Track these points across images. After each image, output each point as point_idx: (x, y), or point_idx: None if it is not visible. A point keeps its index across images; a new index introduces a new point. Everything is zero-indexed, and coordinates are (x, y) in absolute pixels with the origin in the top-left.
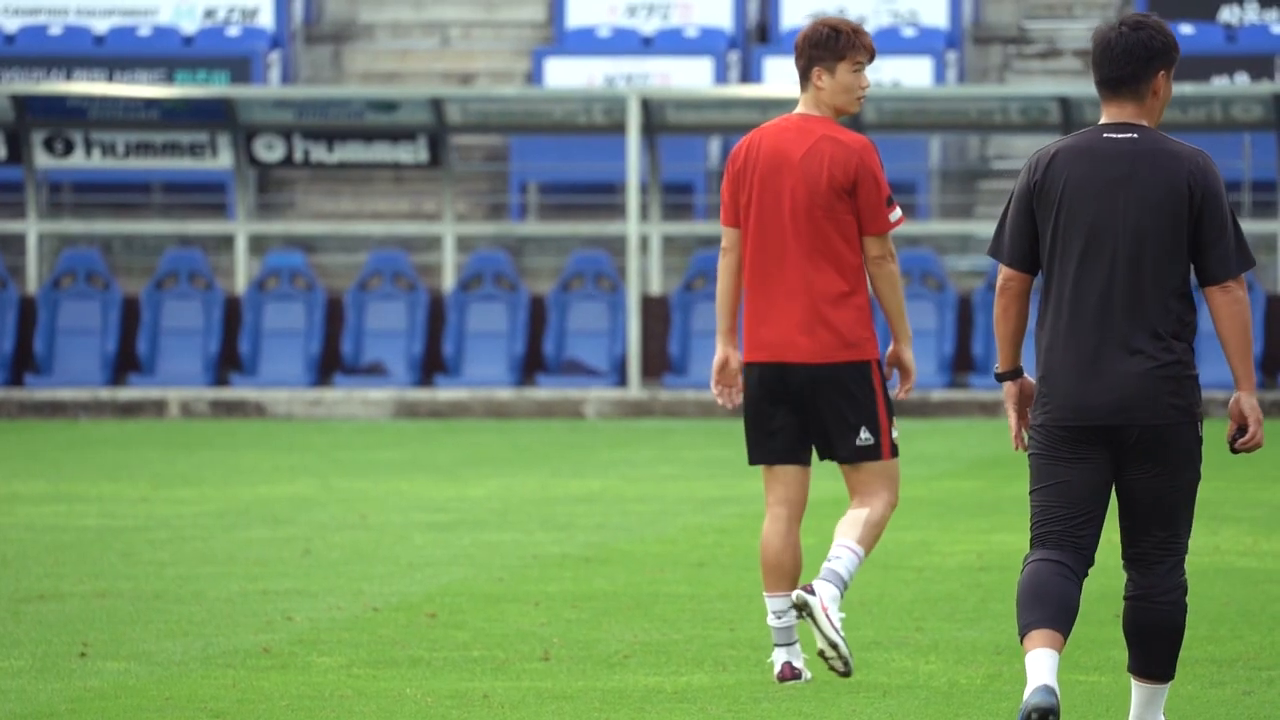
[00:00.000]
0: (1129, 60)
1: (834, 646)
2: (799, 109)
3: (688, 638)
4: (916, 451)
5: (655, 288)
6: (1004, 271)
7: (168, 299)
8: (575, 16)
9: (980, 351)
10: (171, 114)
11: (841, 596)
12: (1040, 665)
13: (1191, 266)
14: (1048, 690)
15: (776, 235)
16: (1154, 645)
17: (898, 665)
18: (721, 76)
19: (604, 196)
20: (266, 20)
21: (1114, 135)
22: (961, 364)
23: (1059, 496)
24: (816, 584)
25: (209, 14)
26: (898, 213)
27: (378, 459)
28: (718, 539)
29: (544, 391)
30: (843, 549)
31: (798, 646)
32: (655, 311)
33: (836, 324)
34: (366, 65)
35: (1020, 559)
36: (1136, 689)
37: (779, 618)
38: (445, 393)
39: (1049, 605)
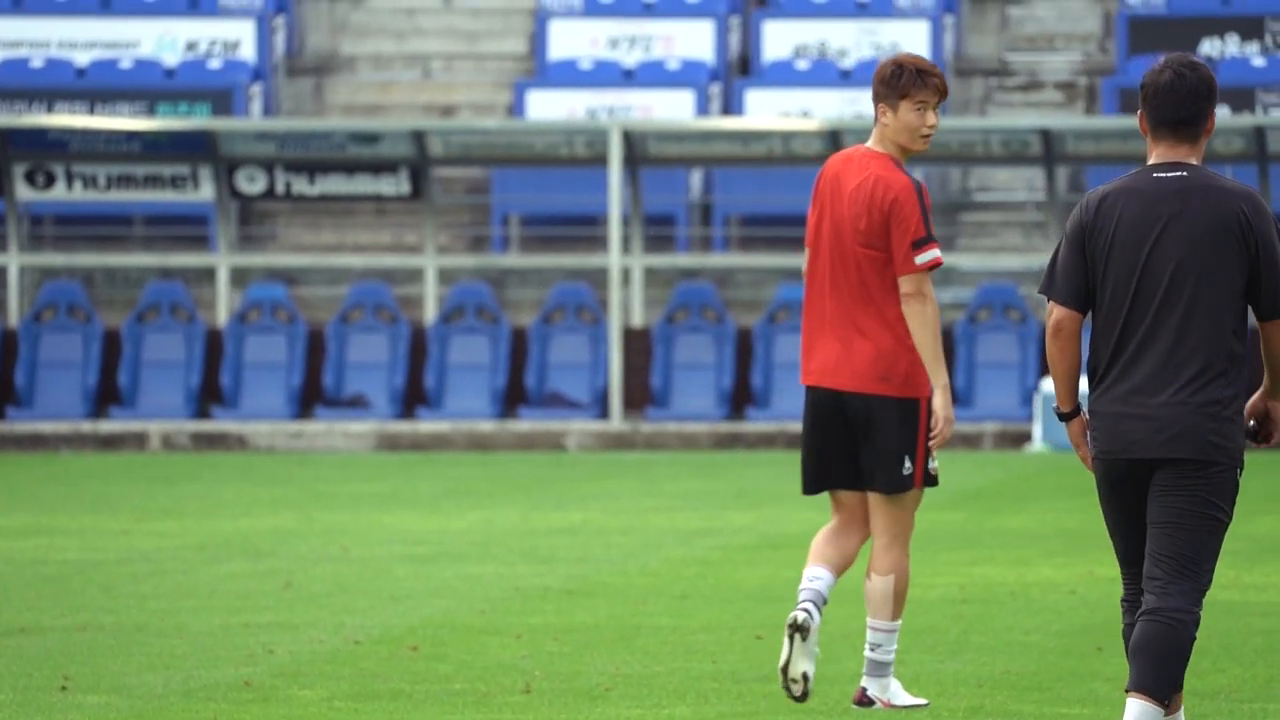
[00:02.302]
0: (1194, 100)
1: (913, 706)
2: (869, 142)
3: (670, 670)
4: None
5: (637, 320)
6: (1057, 311)
7: (149, 332)
8: (557, 49)
9: (960, 385)
10: (153, 146)
11: (890, 674)
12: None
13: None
14: None
15: (826, 264)
16: (1150, 659)
17: None
18: (703, 108)
19: (586, 228)
20: (248, 53)
21: (1163, 175)
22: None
23: (1118, 533)
24: (867, 684)
25: (190, 47)
26: (927, 255)
27: (359, 491)
28: (700, 571)
29: (525, 424)
30: (879, 634)
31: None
32: (637, 344)
33: (882, 355)
34: (348, 97)
35: (1002, 592)
36: (1130, 704)
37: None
38: (427, 425)
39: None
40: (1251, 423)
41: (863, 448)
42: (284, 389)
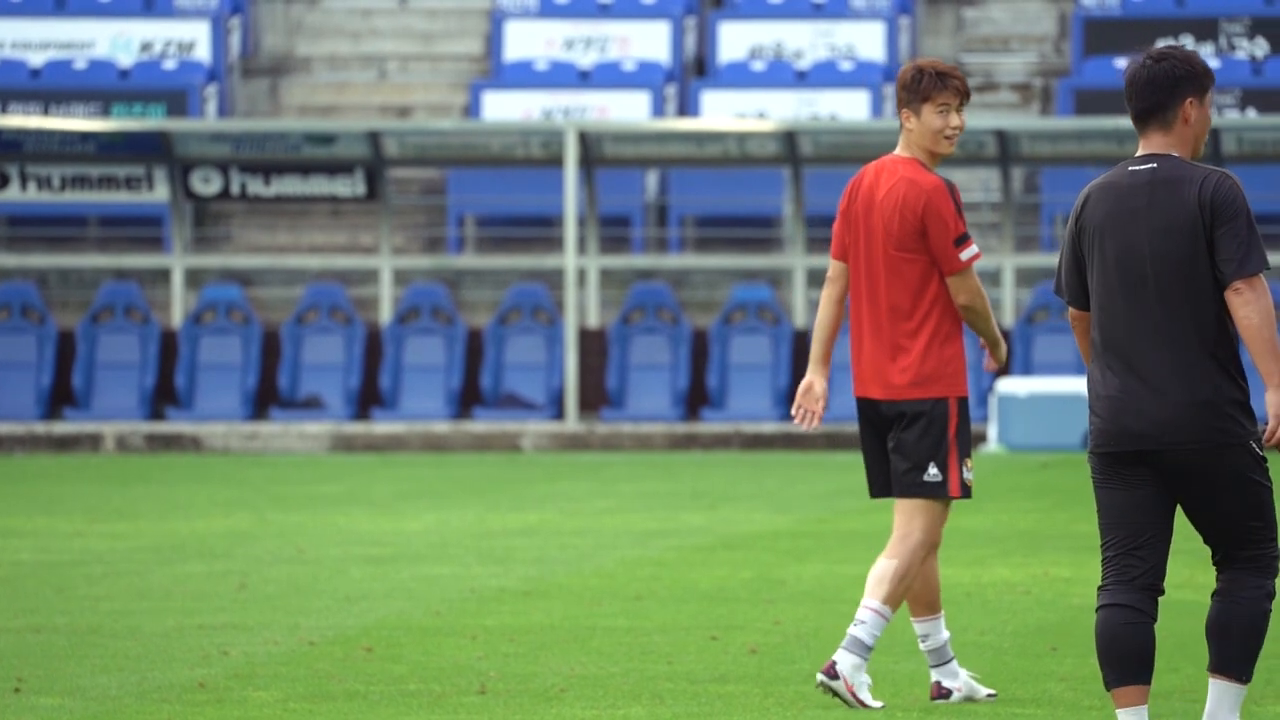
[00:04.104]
0: (1153, 92)
1: (868, 708)
2: (896, 149)
3: (625, 671)
4: (854, 484)
5: (593, 321)
6: (1069, 311)
7: (103, 333)
8: (513, 50)
9: None
10: (108, 147)
11: (866, 661)
12: None
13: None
14: None
15: (864, 273)
16: (1227, 641)
17: (835, 699)
18: (659, 110)
19: (541, 229)
20: (203, 54)
21: (1137, 168)
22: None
23: (1110, 517)
24: (838, 657)
25: (145, 47)
26: (970, 250)
27: (314, 493)
28: (655, 572)
29: (481, 425)
30: (869, 612)
31: (952, 665)
32: (593, 345)
33: (907, 361)
34: (303, 98)
35: (958, 592)
36: (1213, 686)
37: (922, 641)
38: (382, 426)
39: (1126, 660)
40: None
41: (904, 453)
42: (239, 390)
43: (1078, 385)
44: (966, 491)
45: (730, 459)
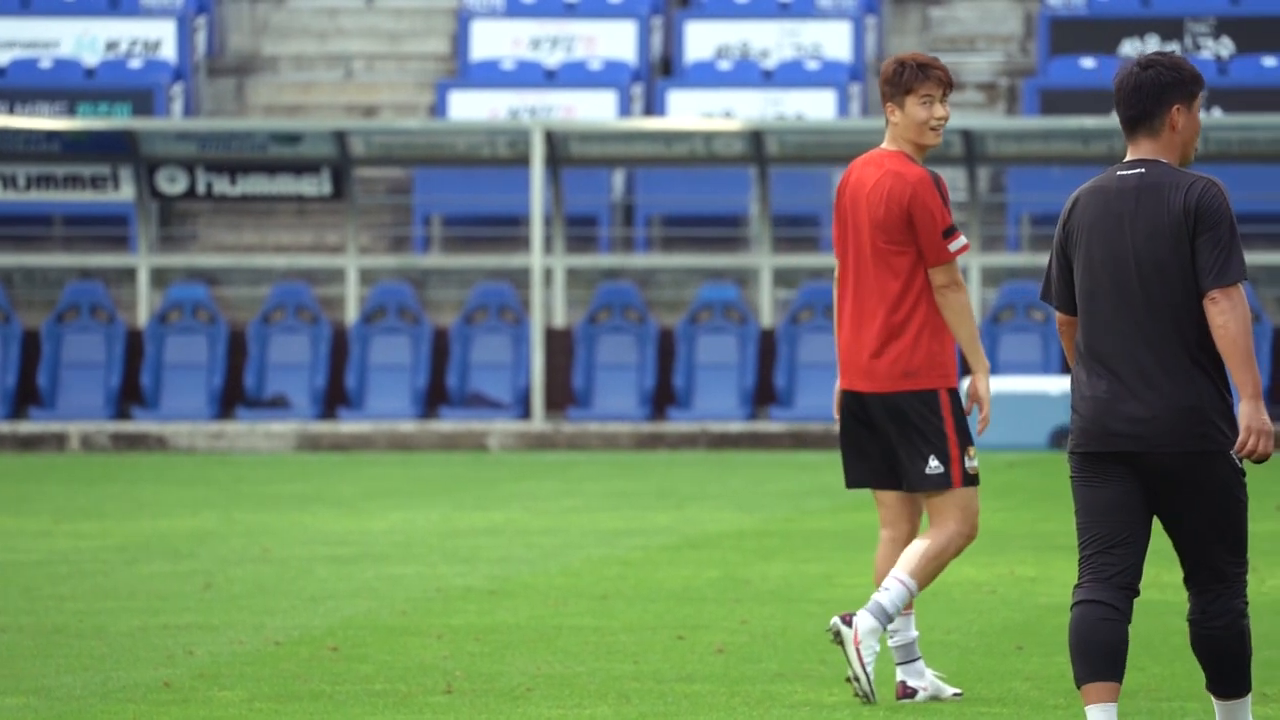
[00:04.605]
0: (1139, 99)
1: (856, 679)
2: (883, 143)
3: (591, 670)
4: (820, 483)
5: (559, 320)
6: (1056, 315)
7: (69, 332)
8: (479, 49)
9: None
10: (73, 146)
11: (883, 629)
12: None
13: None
14: None
15: (852, 266)
16: (1218, 666)
17: (802, 697)
18: (625, 109)
19: (508, 229)
20: (169, 53)
21: (1125, 173)
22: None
23: (1088, 515)
24: (858, 615)
25: (111, 46)
26: (958, 242)
27: (280, 492)
28: (621, 571)
29: (447, 424)
30: (894, 580)
31: (918, 664)
32: (559, 344)
33: (895, 354)
34: (270, 98)
35: (927, 593)
36: (1217, 706)
37: (891, 637)
38: (348, 425)
39: (1097, 656)
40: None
41: (896, 449)
42: (205, 389)
43: (1043, 384)
44: (971, 480)
45: (697, 458)
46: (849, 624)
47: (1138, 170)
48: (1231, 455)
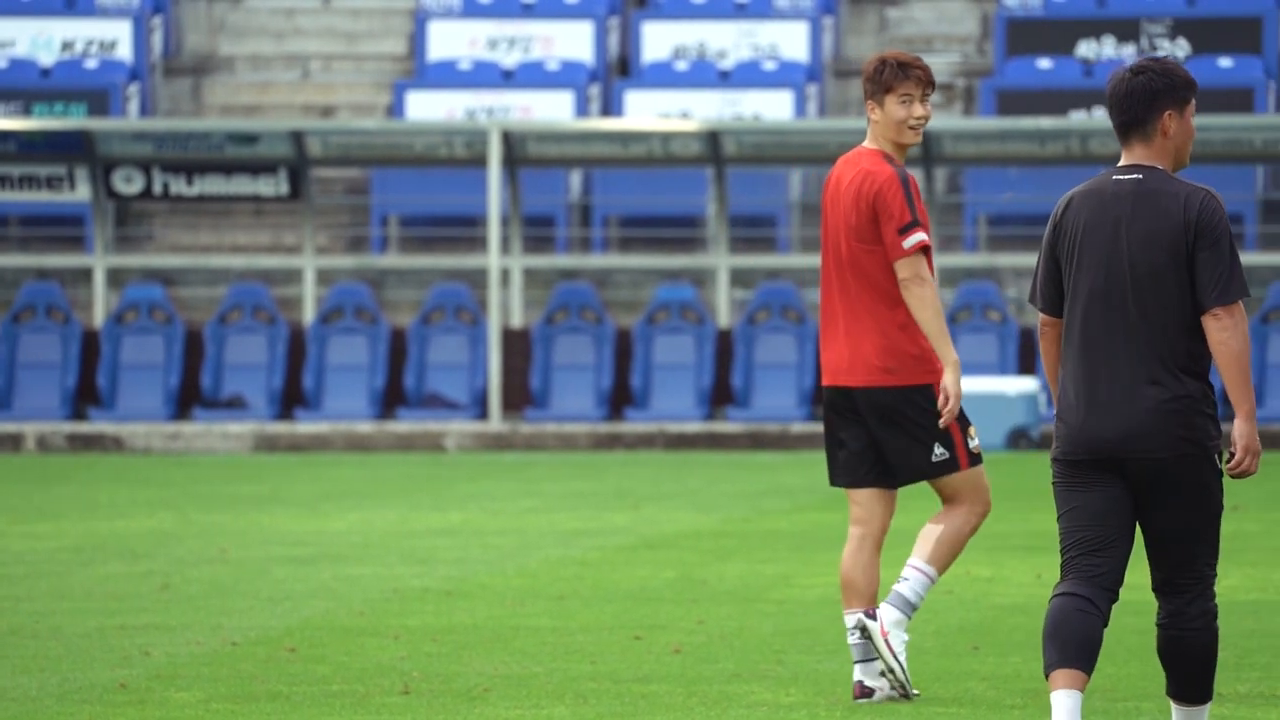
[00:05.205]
0: (1130, 105)
1: (891, 671)
2: (864, 141)
3: (548, 671)
4: (777, 483)
5: (516, 321)
6: (1040, 316)
7: (25, 332)
8: (436, 49)
9: None
10: (29, 146)
11: (908, 619)
12: (1062, 707)
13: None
14: None
15: (833, 264)
16: (1185, 670)
17: (759, 698)
18: (582, 109)
19: (465, 229)
20: (125, 53)
21: (1121, 177)
22: (822, 396)
23: (1074, 520)
24: (882, 607)
25: (66, 46)
26: (913, 239)
27: (237, 493)
28: (578, 572)
29: (404, 425)
30: (912, 570)
31: (876, 664)
32: (516, 345)
33: (882, 349)
34: (226, 98)
35: (883, 593)
36: (1176, 711)
37: (852, 635)
38: (305, 426)
39: (1070, 644)
40: (1229, 451)
41: (886, 445)
42: (161, 390)
43: (1001, 385)
44: (976, 460)
45: (654, 459)
46: (873, 616)
47: (1134, 176)
48: (1215, 459)
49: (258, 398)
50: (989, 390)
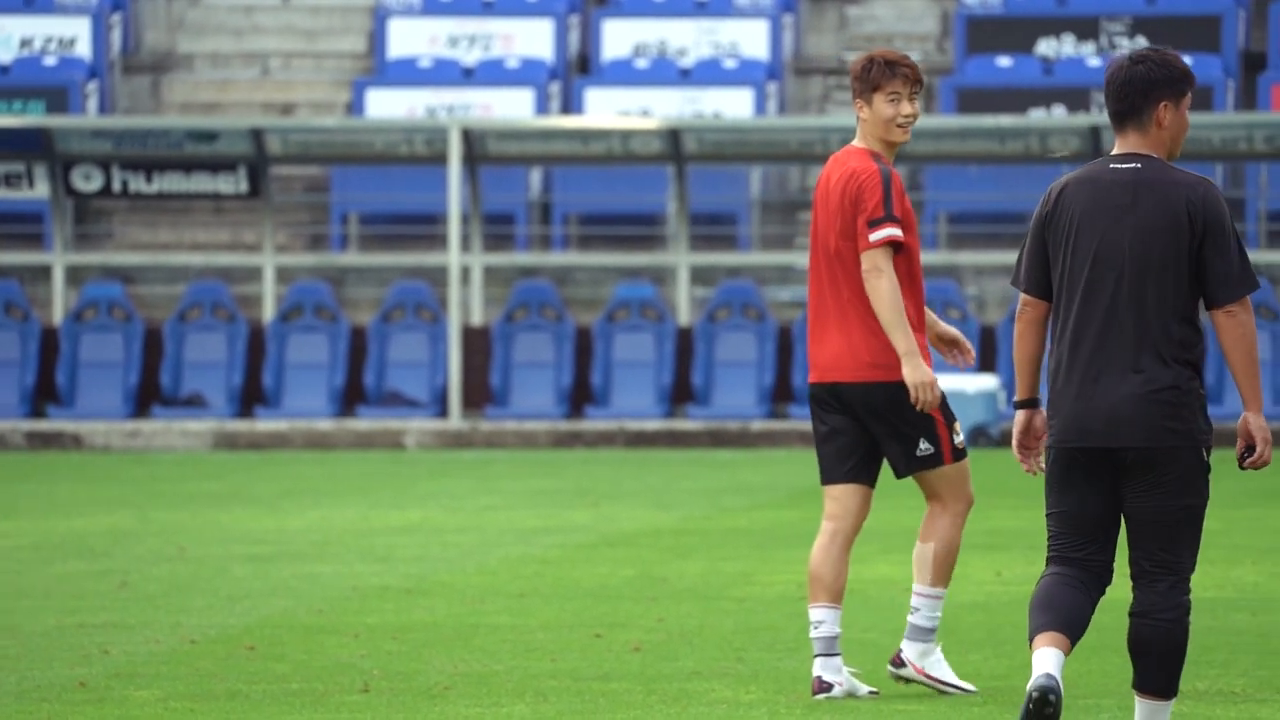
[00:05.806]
0: (1127, 94)
1: (954, 690)
2: (854, 140)
3: (509, 669)
4: (737, 481)
5: (476, 318)
6: (1022, 298)
7: None
8: (396, 47)
9: (799, 382)
10: None
11: (932, 641)
12: (1044, 658)
13: (1200, 292)
14: (1048, 675)
15: (823, 262)
16: (1154, 662)
17: (719, 695)
18: (543, 107)
19: (425, 227)
20: (84, 50)
21: (1119, 166)
22: (782, 394)
23: (1069, 523)
24: (904, 646)
25: (25, 43)
26: (881, 233)
27: (196, 491)
28: (538, 570)
29: (364, 422)
30: (920, 599)
31: (837, 660)
32: (476, 342)
33: (864, 345)
34: (186, 95)
35: (853, 589)
36: (1139, 705)
37: (815, 628)
38: (265, 424)
39: (1057, 612)
40: (1241, 444)
41: (877, 438)
42: (120, 388)
43: (959, 382)
44: (960, 454)
45: (614, 456)
46: (901, 663)
47: (1133, 165)
48: (1203, 451)
49: (217, 396)
50: (949, 388)
